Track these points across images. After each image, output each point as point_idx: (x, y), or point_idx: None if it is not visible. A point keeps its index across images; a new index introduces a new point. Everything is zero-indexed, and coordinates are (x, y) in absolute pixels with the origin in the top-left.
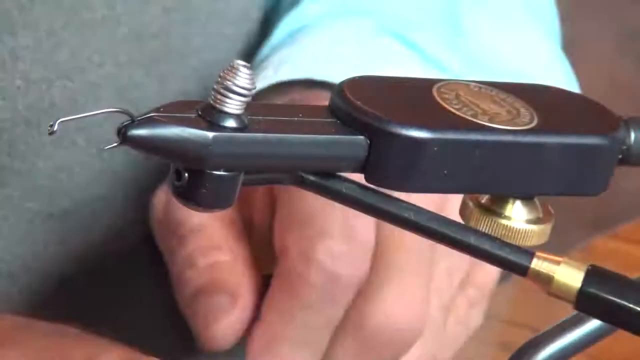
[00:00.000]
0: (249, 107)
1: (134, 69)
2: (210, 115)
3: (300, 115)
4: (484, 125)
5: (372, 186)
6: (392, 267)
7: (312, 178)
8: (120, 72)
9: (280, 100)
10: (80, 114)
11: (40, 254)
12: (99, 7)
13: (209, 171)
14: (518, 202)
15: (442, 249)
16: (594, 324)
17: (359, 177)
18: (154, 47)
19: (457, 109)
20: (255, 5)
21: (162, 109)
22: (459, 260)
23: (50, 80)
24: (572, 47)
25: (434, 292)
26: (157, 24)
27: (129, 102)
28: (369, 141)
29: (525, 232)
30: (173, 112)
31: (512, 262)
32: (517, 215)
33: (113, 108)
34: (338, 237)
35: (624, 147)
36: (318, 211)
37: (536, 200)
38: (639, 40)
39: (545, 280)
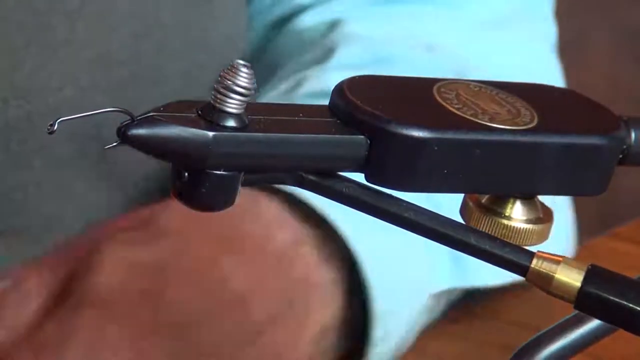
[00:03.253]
0: (249, 107)
1: (96, 94)
2: (210, 115)
3: (301, 115)
4: (484, 125)
5: (372, 186)
6: None
7: (312, 178)
8: (82, 96)
9: None
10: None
11: None
12: (59, 29)
13: (209, 171)
14: (518, 202)
15: None
16: (594, 324)
17: (359, 177)
18: (122, 74)
19: (458, 109)
20: (241, 36)
21: (162, 109)
22: None
23: (6, 100)
24: (572, 47)
25: None
26: (125, 50)
27: (91, 127)
28: (369, 141)
29: (525, 232)
30: (173, 111)
31: (512, 262)
32: (517, 215)
33: (111, 108)
34: None
35: (624, 147)
36: None
37: (536, 200)
38: (639, 40)
39: (545, 280)
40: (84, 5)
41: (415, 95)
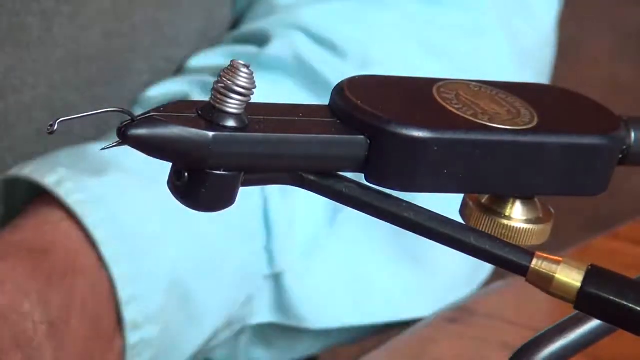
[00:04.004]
0: (249, 107)
1: (68, 91)
2: (210, 115)
3: (301, 114)
4: (484, 125)
5: (372, 186)
6: None
7: (312, 178)
8: (55, 94)
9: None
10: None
11: None
12: (34, 28)
13: (209, 171)
14: (518, 202)
15: None
16: (594, 324)
17: (360, 177)
18: (91, 71)
19: (457, 109)
20: (217, 29)
21: (162, 109)
22: None
23: None
24: (572, 47)
25: None
26: (95, 48)
27: (62, 124)
28: (369, 141)
29: (525, 232)
30: (173, 111)
31: (512, 262)
32: (517, 215)
33: (111, 108)
34: None
35: (624, 147)
36: None
37: (536, 200)
38: (639, 40)
39: (545, 280)
40: (59, 5)
41: (415, 96)
